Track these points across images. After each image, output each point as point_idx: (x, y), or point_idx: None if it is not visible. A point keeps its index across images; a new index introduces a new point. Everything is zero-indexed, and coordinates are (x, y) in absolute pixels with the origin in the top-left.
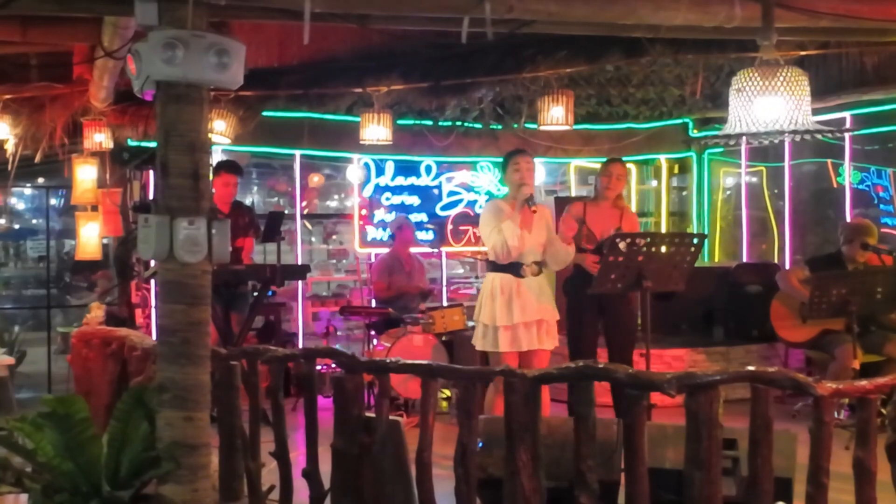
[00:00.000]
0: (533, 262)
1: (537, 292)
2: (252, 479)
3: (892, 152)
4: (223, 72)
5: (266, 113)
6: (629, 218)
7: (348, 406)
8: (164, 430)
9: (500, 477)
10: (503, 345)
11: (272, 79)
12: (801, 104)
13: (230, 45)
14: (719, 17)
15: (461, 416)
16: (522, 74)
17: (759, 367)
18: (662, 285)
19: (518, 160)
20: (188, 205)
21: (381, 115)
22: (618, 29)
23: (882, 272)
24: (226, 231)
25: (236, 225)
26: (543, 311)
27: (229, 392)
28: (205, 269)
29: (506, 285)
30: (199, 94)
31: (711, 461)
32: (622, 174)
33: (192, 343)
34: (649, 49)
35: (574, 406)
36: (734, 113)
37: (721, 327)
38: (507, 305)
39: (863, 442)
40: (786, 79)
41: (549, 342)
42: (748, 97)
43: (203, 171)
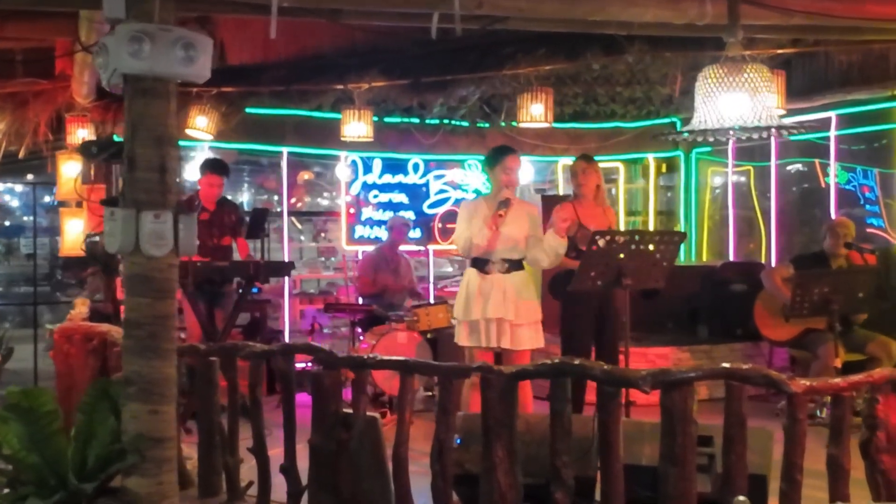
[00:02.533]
0: (502, 260)
1: (506, 291)
2: (230, 475)
3: (877, 152)
4: (190, 65)
5: (253, 110)
6: (610, 215)
7: (326, 402)
8: (129, 424)
9: (477, 473)
10: (462, 338)
11: (254, 75)
12: (765, 101)
13: (197, 39)
14: (690, 14)
15: (438, 413)
16: (502, 72)
17: None
18: (643, 283)
19: (509, 162)
20: (155, 198)
21: (361, 111)
22: (590, 26)
23: (863, 272)
24: (192, 225)
25: (222, 223)
26: (509, 311)
27: (208, 388)
28: (171, 263)
29: (472, 281)
30: (167, 88)
31: (686, 457)
32: (585, 168)
33: (158, 336)
34: (627, 47)
35: (550, 402)
36: (700, 109)
37: (706, 326)
38: (469, 300)
39: (837, 439)
40: (751, 76)
41: (522, 342)
42: (713, 93)
43: (170, 164)
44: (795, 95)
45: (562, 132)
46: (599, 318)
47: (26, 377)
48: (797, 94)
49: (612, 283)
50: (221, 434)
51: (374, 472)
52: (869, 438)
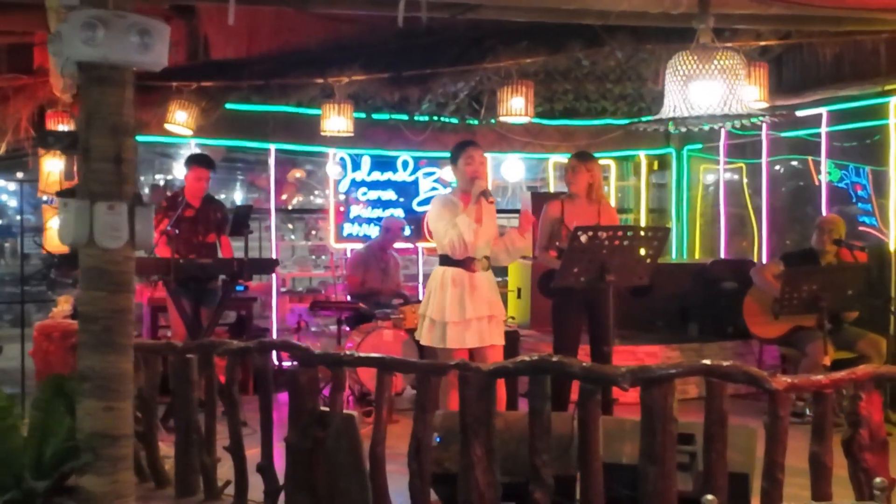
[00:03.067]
0: (483, 257)
1: (488, 287)
2: (207, 474)
3: (869, 149)
4: (146, 52)
5: (234, 105)
6: (607, 212)
7: (302, 400)
8: (84, 421)
9: (456, 472)
10: (451, 341)
11: (235, 70)
12: (735, 89)
13: (153, 25)
14: (665, 2)
15: (416, 411)
16: (483, 65)
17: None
18: (627, 280)
19: (470, 152)
20: (110, 189)
21: (342, 105)
22: (568, 15)
23: (852, 269)
24: (149, 217)
25: (208, 220)
26: (493, 307)
27: (185, 386)
28: (127, 256)
29: (458, 280)
30: (122, 76)
31: (666, 455)
32: (575, 167)
33: (114, 331)
34: (609, 40)
35: (528, 400)
36: (670, 97)
37: (696, 324)
38: (458, 300)
39: (819, 437)
40: (722, 63)
41: (499, 337)
42: (684, 81)
43: (126, 154)
44: (786, 91)
45: (553, 129)
46: (590, 315)
47: (16, 376)
48: (788, 90)
49: (596, 280)
50: (198, 433)
51: (351, 470)
52: (852, 436)
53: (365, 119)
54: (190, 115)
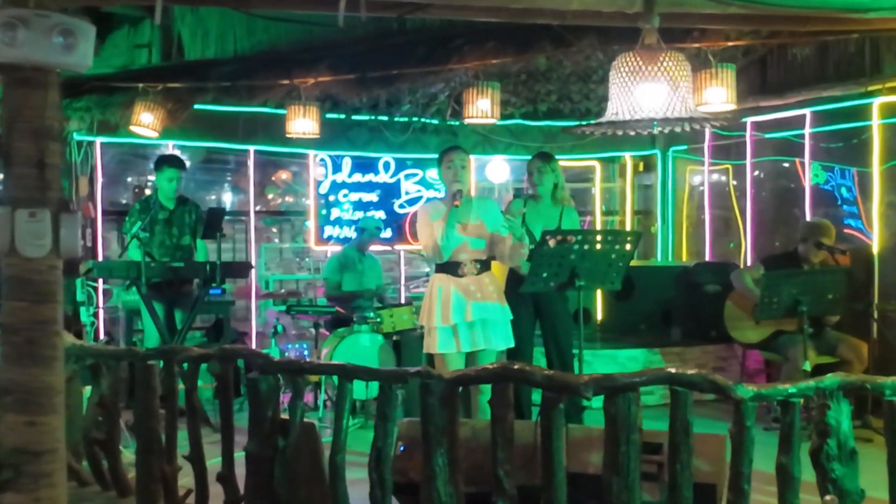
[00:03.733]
0: (472, 261)
1: (480, 291)
2: (168, 483)
3: (854, 150)
4: (70, 53)
5: (217, 107)
6: (570, 215)
7: (262, 408)
8: (6, 436)
9: (419, 482)
10: (440, 345)
11: (203, 71)
12: (680, 91)
13: (77, 26)
14: (618, 2)
15: (377, 419)
16: (449, 66)
17: (716, 368)
18: (598, 284)
19: (450, 156)
20: (33, 195)
21: (307, 107)
22: (522, 14)
23: (832, 272)
24: (74, 224)
25: (182, 222)
26: (486, 310)
27: (146, 393)
28: (52, 265)
29: (444, 285)
30: (46, 78)
31: (630, 466)
32: (542, 167)
33: (38, 343)
34: (576, 41)
35: (491, 408)
36: (614, 99)
37: (679, 328)
38: (444, 305)
39: (786, 447)
40: (667, 65)
41: (497, 342)
42: (628, 82)
43: (50, 159)
44: (770, 92)
45: (537, 130)
46: (541, 320)
47: None
48: (772, 91)
49: (566, 284)
50: (159, 441)
51: (312, 479)
52: (819, 446)
53: (345, 120)
54: (156, 117)
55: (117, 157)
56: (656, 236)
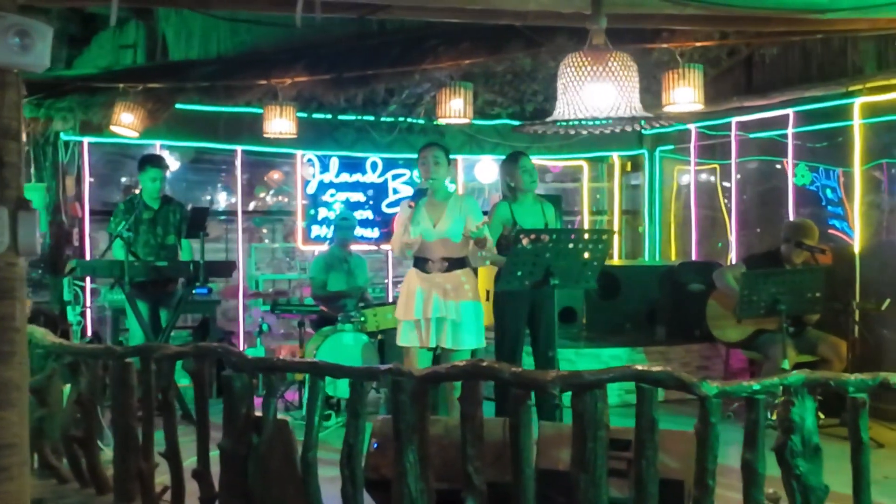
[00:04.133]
0: (441, 258)
1: (447, 289)
2: (144, 480)
3: (840, 151)
4: (26, 54)
5: (204, 107)
6: (549, 211)
7: (236, 406)
8: None
9: (391, 478)
10: (402, 339)
11: (184, 71)
12: (627, 91)
13: (32, 27)
14: (574, 2)
15: (348, 417)
16: (423, 66)
17: (699, 367)
18: (573, 283)
19: (424, 153)
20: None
21: (283, 107)
22: (477, 15)
23: (811, 272)
24: (33, 222)
25: (167, 222)
26: (452, 309)
27: (123, 391)
28: (10, 262)
29: (413, 280)
30: (3, 78)
31: (597, 462)
32: (529, 169)
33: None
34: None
35: (461, 405)
36: (561, 99)
37: (664, 327)
38: (407, 300)
39: (750, 443)
40: (614, 65)
41: (466, 341)
42: (575, 82)
43: (8, 158)
44: (755, 92)
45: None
46: (531, 319)
47: None
48: (757, 92)
49: (541, 283)
50: (136, 439)
51: (285, 476)
52: (784, 443)
53: (332, 120)
54: (136, 118)
55: (105, 157)
56: (644, 236)
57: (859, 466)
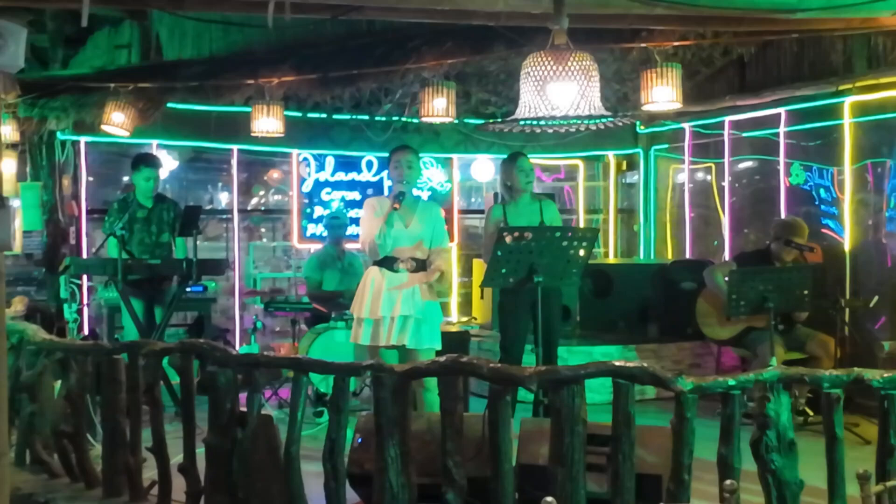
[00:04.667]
0: (410, 258)
1: (409, 288)
2: (132, 475)
3: (831, 150)
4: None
5: (197, 107)
6: (549, 210)
7: (221, 401)
8: None
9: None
10: (363, 337)
11: (173, 71)
12: (588, 90)
13: (5, 28)
14: (544, 3)
15: (330, 412)
16: (407, 65)
17: (691, 364)
18: (557, 279)
19: (396, 156)
20: None
21: (270, 107)
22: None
23: (799, 270)
24: (8, 218)
25: (161, 220)
26: (416, 308)
27: (112, 386)
28: None
29: (377, 278)
30: None
31: (574, 457)
32: (528, 168)
33: None
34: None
35: (441, 400)
36: (524, 97)
37: (656, 325)
38: (374, 299)
39: (726, 438)
40: (574, 65)
41: (426, 340)
42: (539, 82)
43: None
44: (748, 91)
45: (519, 129)
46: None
47: None
48: (750, 90)
49: (525, 280)
50: (124, 434)
51: (270, 471)
52: (759, 437)
53: (327, 119)
54: (127, 117)
55: (103, 157)
56: (639, 234)
57: (833, 461)
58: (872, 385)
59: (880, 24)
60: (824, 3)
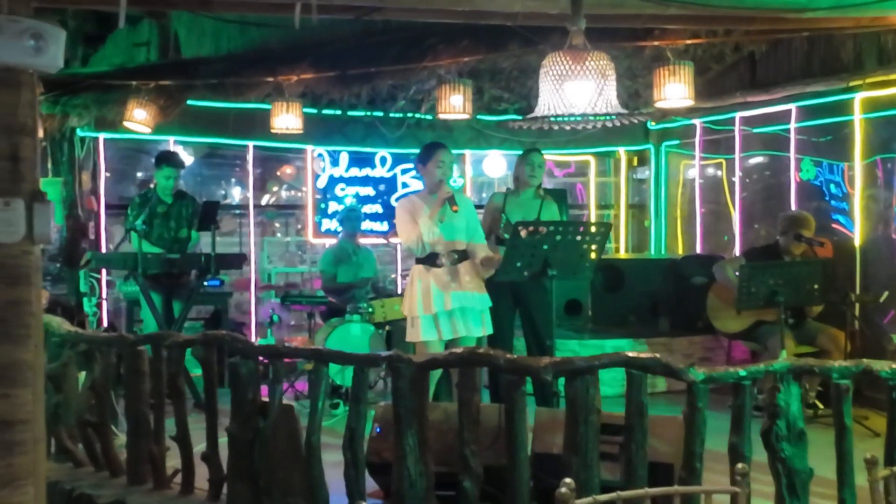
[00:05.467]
0: (452, 252)
1: (457, 281)
2: (156, 463)
3: (842, 145)
4: (40, 55)
5: (215, 104)
6: (549, 208)
7: (243, 391)
8: None
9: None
10: (423, 334)
11: (194, 69)
12: (604, 89)
13: (46, 30)
14: (560, 3)
15: (350, 402)
16: (423, 63)
17: (702, 358)
18: (570, 273)
19: (441, 156)
20: (7, 186)
21: (290, 103)
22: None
23: (808, 264)
24: (47, 213)
25: (180, 216)
26: (465, 299)
27: (136, 377)
28: (25, 250)
29: (424, 276)
30: (17, 78)
31: (588, 446)
32: (542, 163)
33: (10, 322)
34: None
35: (458, 391)
36: (543, 96)
37: (667, 318)
38: (424, 295)
39: (737, 427)
40: (591, 65)
41: (476, 329)
42: (557, 80)
43: (24, 153)
44: (759, 87)
45: (538, 126)
46: (521, 309)
47: None
48: (761, 87)
49: (539, 274)
50: (148, 424)
51: (290, 459)
52: (769, 427)
53: (341, 116)
54: (149, 114)
55: (120, 153)
56: (650, 230)
57: (843, 451)
58: (881, 376)
59: (889, 23)
60: (833, 3)
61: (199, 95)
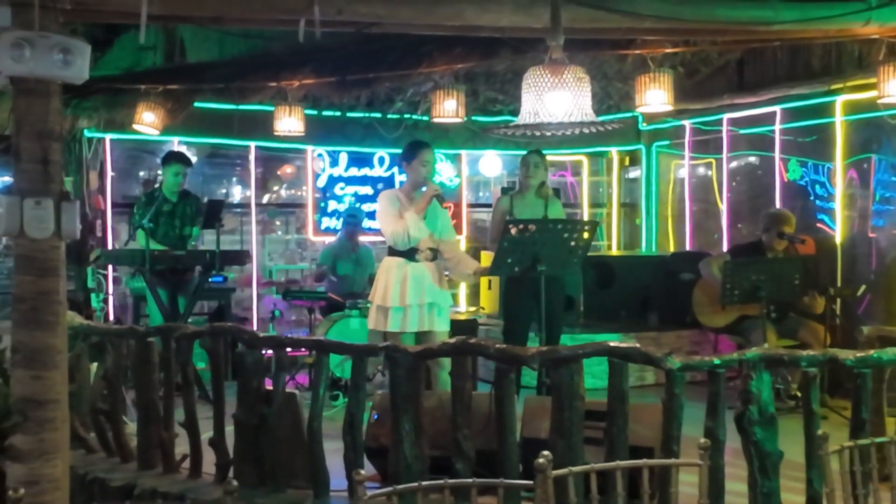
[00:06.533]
0: (427, 249)
1: (430, 277)
2: (165, 449)
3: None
4: (68, 68)
5: (218, 105)
6: (554, 206)
7: (248, 379)
8: (15, 388)
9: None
10: (392, 325)
11: (200, 73)
12: (580, 100)
13: (73, 45)
14: (543, 18)
15: (350, 389)
16: (419, 70)
17: (690, 351)
18: (559, 269)
19: (426, 155)
20: (37, 187)
21: (292, 107)
22: (459, 30)
23: (790, 260)
24: (74, 211)
25: (185, 214)
26: (434, 295)
27: (145, 367)
28: (54, 245)
29: (400, 268)
30: (48, 88)
31: (573, 430)
32: (539, 163)
33: (41, 310)
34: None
35: (452, 379)
36: (526, 106)
37: (656, 314)
38: (399, 287)
39: (713, 413)
40: (569, 77)
41: (441, 324)
42: (537, 91)
43: (53, 156)
44: (746, 90)
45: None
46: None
47: None
48: (747, 89)
49: (529, 269)
50: (157, 411)
51: (293, 444)
52: (743, 412)
53: (340, 117)
54: (157, 117)
55: (126, 153)
56: (640, 227)
57: (811, 433)
58: (846, 364)
59: (855, 34)
60: (797, 17)
61: (205, 98)
